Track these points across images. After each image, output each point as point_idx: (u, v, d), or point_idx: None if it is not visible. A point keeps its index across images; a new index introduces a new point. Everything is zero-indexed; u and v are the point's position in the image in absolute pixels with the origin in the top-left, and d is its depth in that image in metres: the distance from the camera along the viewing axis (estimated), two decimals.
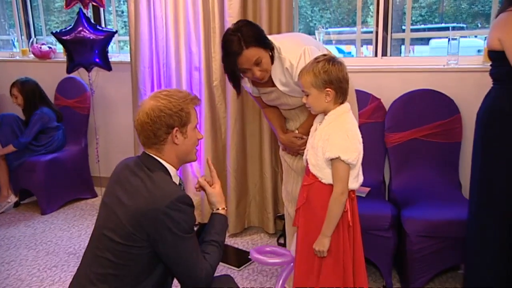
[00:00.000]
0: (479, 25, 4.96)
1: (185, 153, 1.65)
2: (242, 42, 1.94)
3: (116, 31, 3.64)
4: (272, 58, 2.03)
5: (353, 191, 1.80)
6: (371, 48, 3.41)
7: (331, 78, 1.71)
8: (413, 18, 3.64)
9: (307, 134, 2.11)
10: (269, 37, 2.09)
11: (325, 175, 1.76)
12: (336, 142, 1.70)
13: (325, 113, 1.79)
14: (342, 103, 1.77)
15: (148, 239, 1.50)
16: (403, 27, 3.24)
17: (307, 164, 1.83)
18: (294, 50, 2.03)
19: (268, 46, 2.01)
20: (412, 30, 3.19)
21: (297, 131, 2.20)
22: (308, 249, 1.82)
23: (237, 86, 2.12)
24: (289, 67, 2.02)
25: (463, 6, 5.15)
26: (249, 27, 1.99)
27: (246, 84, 2.24)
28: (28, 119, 3.68)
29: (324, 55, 1.81)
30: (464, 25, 4.68)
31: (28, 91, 3.67)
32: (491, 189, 2.08)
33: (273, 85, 2.11)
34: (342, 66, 1.75)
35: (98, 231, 1.61)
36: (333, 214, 1.73)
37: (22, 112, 3.76)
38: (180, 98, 1.59)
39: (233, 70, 2.03)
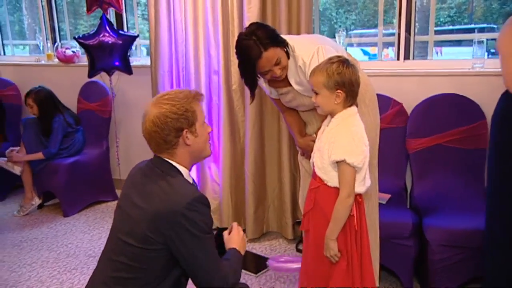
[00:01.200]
0: None
1: (199, 151, 1.64)
2: (260, 45, 1.93)
3: (138, 35, 3.67)
4: (287, 54, 2.02)
5: (359, 195, 1.79)
6: (387, 50, 3.34)
7: (344, 80, 1.70)
8: (441, 19, 3.54)
9: None
10: (285, 36, 2.08)
11: (330, 178, 1.75)
12: (341, 144, 1.70)
13: (332, 114, 1.78)
14: (350, 106, 1.76)
15: (165, 241, 1.50)
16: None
17: (314, 167, 1.83)
18: (308, 48, 2.02)
19: (282, 43, 2.01)
20: (440, 32, 3.10)
21: (315, 135, 2.16)
22: (316, 252, 1.81)
23: (254, 90, 2.12)
24: (302, 65, 2.00)
25: (493, 6, 5.01)
26: (262, 29, 1.99)
27: (264, 85, 2.22)
28: (46, 127, 3.70)
29: (338, 56, 1.79)
30: (495, 26, 4.54)
31: (43, 100, 3.70)
32: (502, 193, 2.01)
33: (289, 84, 2.10)
34: (355, 70, 1.74)
35: (113, 235, 1.62)
36: (339, 217, 1.72)
37: (38, 120, 3.75)
38: (182, 99, 1.57)
39: (251, 75, 2.02)
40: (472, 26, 4.54)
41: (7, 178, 3.94)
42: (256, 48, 1.93)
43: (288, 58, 2.03)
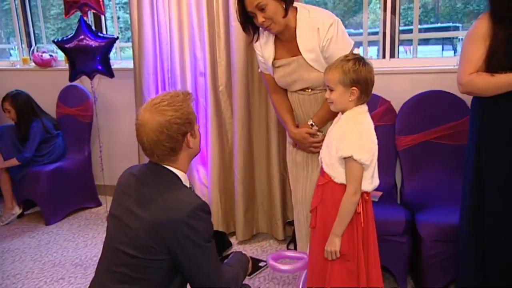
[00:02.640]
0: None
1: (196, 150, 1.62)
2: None
3: (117, 37, 3.59)
4: (286, 10, 1.97)
5: (367, 193, 1.79)
6: (368, 49, 3.36)
7: (360, 78, 1.71)
8: (409, 19, 3.61)
9: (322, 124, 2.06)
10: (300, 3, 2.07)
11: (337, 175, 1.76)
12: (350, 141, 1.71)
13: (343, 111, 1.79)
14: (362, 104, 1.78)
15: (168, 251, 1.46)
16: (400, 28, 3.18)
17: (322, 163, 1.83)
18: (326, 15, 2.02)
19: None
20: (409, 31, 3.14)
21: (311, 121, 2.11)
22: (322, 249, 1.81)
23: (247, 29, 2.10)
24: (321, 28, 1.97)
25: (458, 6, 5.15)
26: None
27: (260, 58, 2.18)
28: (23, 132, 3.61)
29: (354, 54, 1.82)
30: (460, 25, 4.69)
31: (21, 104, 3.60)
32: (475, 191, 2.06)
33: (295, 54, 2.06)
34: (371, 68, 1.76)
35: (110, 246, 1.56)
36: (344, 214, 1.73)
37: (15, 125, 3.68)
38: (182, 102, 1.53)
39: (241, 12, 2.01)
40: (439, 25, 4.67)
41: None
42: None
43: (285, 15, 1.97)
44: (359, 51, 3.39)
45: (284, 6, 1.96)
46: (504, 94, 1.86)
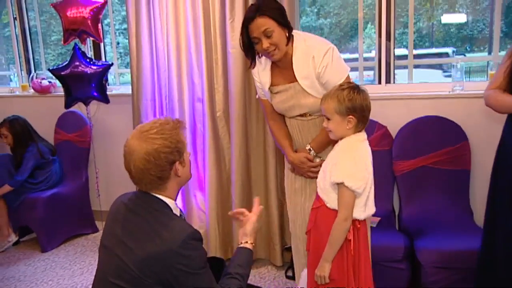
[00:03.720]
0: (468, 49, 5.05)
1: (186, 178, 1.61)
2: (258, 10, 1.96)
3: (112, 64, 3.61)
4: (288, 38, 2.01)
5: (359, 221, 1.78)
6: (364, 74, 3.39)
7: (355, 106, 1.72)
8: (403, 43, 3.66)
9: (319, 150, 2.08)
10: (296, 31, 2.11)
11: (330, 200, 1.76)
12: (342, 167, 1.72)
13: (341, 139, 1.80)
14: (360, 131, 1.78)
15: (160, 282, 1.43)
16: (396, 53, 3.22)
17: (317, 187, 1.84)
18: (322, 42, 2.07)
19: (285, 25, 2.00)
20: (405, 56, 3.18)
21: (309, 145, 2.12)
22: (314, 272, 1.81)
23: (248, 56, 2.13)
24: (316, 56, 2.00)
25: (452, 30, 5.23)
26: (272, 1, 2.03)
27: (257, 83, 2.19)
28: (19, 158, 3.61)
29: (349, 83, 1.84)
30: (454, 49, 4.76)
31: (18, 129, 3.62)
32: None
33: (292, 80, 2.08)
34: (366, 95, 1.77)
35: (103, 278, 1.53)
36: (334, 239, 1.73)
37: (11, 151, 3.69)
38: (171, 130, 1.50)
39: (244, 38, 2.03)
40: (434, 50, 4.74)
41: None
42: (253, 11, 1.97)
43: (287, 43, 2.01)
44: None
45: (286, 34, 2.01)
46: None
